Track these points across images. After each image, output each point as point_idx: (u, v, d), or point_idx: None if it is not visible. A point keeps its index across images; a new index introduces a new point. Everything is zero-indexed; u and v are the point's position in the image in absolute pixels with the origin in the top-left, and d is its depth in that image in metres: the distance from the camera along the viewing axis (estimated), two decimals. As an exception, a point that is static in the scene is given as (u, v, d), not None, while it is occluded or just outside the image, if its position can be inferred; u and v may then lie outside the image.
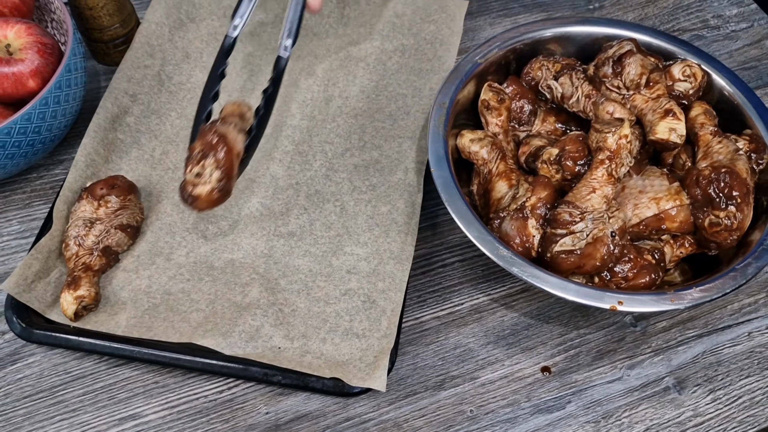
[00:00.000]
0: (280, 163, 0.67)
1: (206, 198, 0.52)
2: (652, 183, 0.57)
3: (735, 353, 0.59)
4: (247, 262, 0.61)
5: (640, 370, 0.58)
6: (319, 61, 0.75)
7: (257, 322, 0.57)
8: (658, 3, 0.83)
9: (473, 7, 0.81)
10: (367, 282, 0.60)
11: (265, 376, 0.55)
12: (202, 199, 0.52)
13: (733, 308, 0.61)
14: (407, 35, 0.76)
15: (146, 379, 0.57)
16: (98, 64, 0.76)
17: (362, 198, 0.65)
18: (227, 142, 0.52)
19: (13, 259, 0.63)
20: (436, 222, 0.66)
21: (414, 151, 0.67)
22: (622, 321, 0.61)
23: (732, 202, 0.54)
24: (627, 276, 0.55)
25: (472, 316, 0.61)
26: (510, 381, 0.58)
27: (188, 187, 0.51)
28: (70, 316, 0.56)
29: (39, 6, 0.70)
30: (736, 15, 0.82)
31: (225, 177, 0.52)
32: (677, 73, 0.62)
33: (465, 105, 0.65)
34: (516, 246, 0.55)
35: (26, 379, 0.57)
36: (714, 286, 0.52)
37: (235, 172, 0.54)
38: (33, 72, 0.61)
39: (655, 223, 0.56)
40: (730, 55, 0.78)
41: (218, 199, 0.53)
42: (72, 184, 0.63)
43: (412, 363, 0.58)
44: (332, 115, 0.70)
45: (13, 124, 0.58)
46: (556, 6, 0.83)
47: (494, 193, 0.60)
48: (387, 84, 0.73)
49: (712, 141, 0.58)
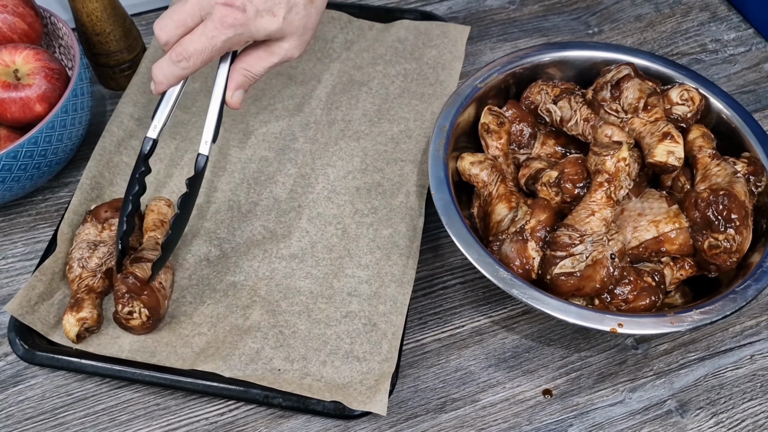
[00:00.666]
0: (283, 185, 0.68)
1: (140, 327, 0.57)
2: (651, 205, 0.58)
3: (737, 376, 0.59)
4: (249, 285, 0.61)
5: (642, 393, 0.58)
6: (322, 85, 0.76)
7: (257, 345, 0.57)
8: (656, 27, 0.84)
9: (474, 32, 0.82)
10: (368, 305, 0.60)
11: (265, 399, 0.55)
12: (137, 328, 0.57)
13: (734, 331, 0.61)
14: (409, 60, 0.77)
15: (147, 401, 0.57)
16: (104, 88, 0.77)
17: (364, 221, 0.65)
18: (144, 283, 0.57)
19: (17, 281, 0.64)
20: (437, 244, 0.66)
21: (416, 175, 0.68)
22: (623, 344, 0.60)
23: (731, 224, 0.54)
24: (627, 298, 0.55)
25: (473, 338, 0.61)
26: (511, 404, 0.57)
27: (122, 320, 0.57)
28: (72, 338, 0.56)
29: (47, 32, 0.71)
30: (734, 39, 0.83)
31: (154, 310, 0.57)
32: (675, 96, 0.63)
33: (465, 128, 0.66)
34: (516, 268, 0.56)
35: (28, 401, 0.57)
36: (714, 308, 0.52)
37: (162, 300, 0.59)
38: (40, 97, 0.62)
39: (655, 245, 0.57)
40: (729, 78, 0.79)
41: (152, 324, 0.58)
42: (77, 206, 0.63)
43: (413, 385, 0.58)
44: (335, 138, 0.71)
45: (19, 147, 0.59)
46: (555, 31, 0.84)
47: (494, 216, 0.60)
48: (389, 108, 0.74)
49: (710, 164, 0.58)
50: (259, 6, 0.53)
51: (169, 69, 0.55)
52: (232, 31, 0.53)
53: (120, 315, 0.56)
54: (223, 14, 0.52)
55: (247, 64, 0.57)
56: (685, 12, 0.86)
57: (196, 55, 0.54)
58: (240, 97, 0.58)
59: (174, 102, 0.58)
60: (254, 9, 0.53)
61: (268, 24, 0.54)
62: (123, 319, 0.56)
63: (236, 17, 0.52)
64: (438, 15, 0.82)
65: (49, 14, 0.69)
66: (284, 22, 0.54)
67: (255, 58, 0.57)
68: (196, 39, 0.53)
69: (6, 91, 0.62)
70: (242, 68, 0.57)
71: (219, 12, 0.52)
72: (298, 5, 0.54)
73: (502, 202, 0.60)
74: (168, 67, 0.55)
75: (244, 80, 0.57)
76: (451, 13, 0.85)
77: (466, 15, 0.85)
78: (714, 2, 0.87)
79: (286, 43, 0.56)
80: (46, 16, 0.70)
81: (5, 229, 0.67)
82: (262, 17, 0.53)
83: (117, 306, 0.56)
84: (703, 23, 0.84)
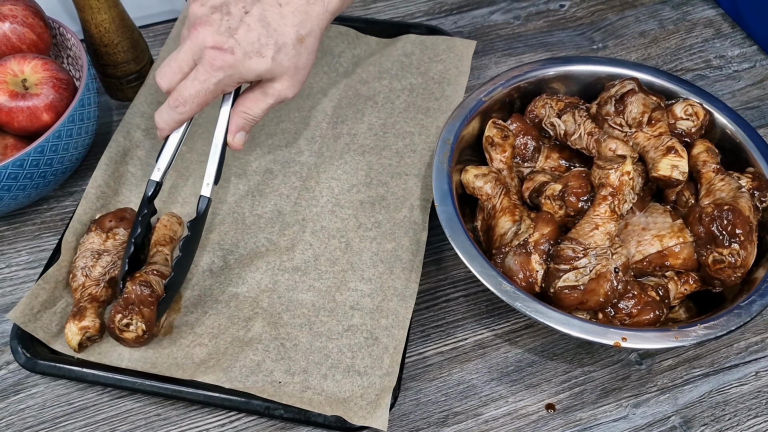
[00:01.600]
0: (288, 198, 0.68)
1: (133, 341, 0.57)
2: (656, 220, 0.58)
3: (742, 393, 0.58)
4: (251, 296, 0.61)
5: (646, 408, 0.58)
6: (328, 99, 0.76)
7: (258, 357, 0.57)
8: (660, 43, 0.84)
9: (479, 46, 0.83)
10: (371, 318, 0.60)
11: (267, 410, 0.54)
12: (130, 341, 0.57)
13: (739, 347, 0.61)
14: (415, 74, 0.78)
15: (148, 411, 0.57)
16: (111, 99, 0.78)
17: (367, 235, 0.65)
18: (153, 297, 0.57)
19: (20, 289, 0.64)
20: (440, 257, 0.66)
21: (420, 189, 0.68)
22: (627, 359, 0.60)
23: (735, 239, 0.54)
24: (631, 312, 0.55)
25: (475, 351, 0.60)
26: (514, 418, 0.57)
27: (116, 330, 0.56)
28: (74, 347, 0.56)
29: (56, 43, 0.72)
30: (738, 55, 0.83)
31: (149, 327, 0.57)
32: (679, 111, 0.63)
33: (470, 141, 0.66)
34: (519, 281, 0.55)
35: (29, 409, 0.57)
36: (718, 323, 0.52)
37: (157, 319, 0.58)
38: (47, 106, 0.63)
39: (659, 259, 0.56)
40: (733, 94, 0.79)
41: (146, 340, 0.58)
42: (82, 215, 0.63)
43: (414, 399, 0.58)
44: (340, 152, 0.71)
45: (26, 156, 0.59)
46: (560, 45, 0.84)
47: (498, 229, 0.60)
48: (395, 122, 0.74)
49: (714, 178, 0.58)
50: (247, 48, 0.54)
51: (168, 115, 0.57)
52: (222, 73, 0.54)
53: (116, 325, 0.56)
54: (212, 57, 0.54)
55: (245, 107, 0.58)
56: (689, 28, 0.86)
57: (191, 99, 0.55)
58: (242, 139, 0.59)
59: (177, 146, 0.60)
60: (242, 51, 0.54)
61: (257, 65, 0.55)
62: (117, 330, 0.56)
63: (225, 59, 0.54)
64: (444, 29, 0.82)
65: (58, 25, 0.70)
66: (273, 63, 0.55)
67: (252, 101, 0.58)
68: (189, 84, 0.55)
69: (14, 100, 0.62)
70: (241, 111, 0.58)
71: (208, 56, 0.54)
72: (287, 46, 0.55)
73: (505, 215, 0.60)
74: (167, 113, 0.57)
75: (244, 122, 0.59)
76: (456, 28, 0.86)
77: (472, 30, 0.86)
78: (718, 19, 0.87)
79: (279, 83, 0.57)
80: (55, 27, 0.70)
81: (9, 238, 0.67)
82: (251, 58, 0.54)
83: (115, 315, 0.56)
84: (707, 39, 0.85)
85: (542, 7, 0.89)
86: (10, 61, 0.63)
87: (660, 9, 0.88)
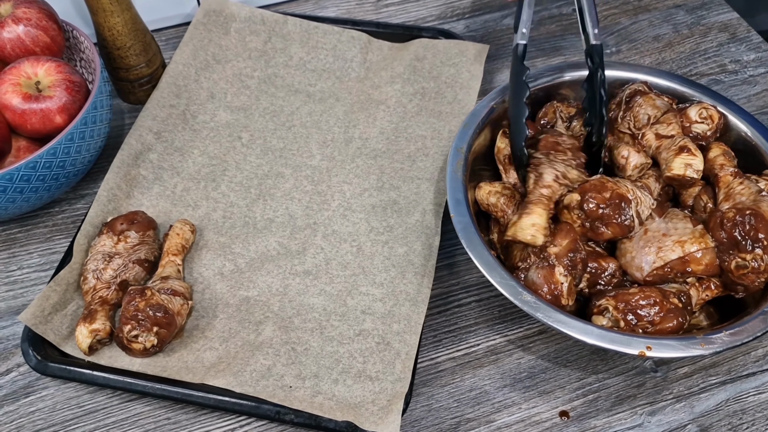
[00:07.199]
0: (299, 202, 0.68)
1: (140, 353, 0.56)
2: (676, 226, 0.57)
3: (760, 401, 0.57)
4: (262, 300, 0.61)
5: (662, 416, 0.57)
6: (340, 103, 0.76)
7: (269, 361, 0.56)
8: (675, 48, 0.84)
9: (492, 50, 0.82)
10: (382, 323, 0.59)
11: (277, 415, 0.54)
12: (136, 352, 0.56)
13: (757, 355, 0.60)
14: (428, 78, 0.77)
15: (158, 414, 0.57)
16: (123, 102, 0.78)
17: (379, 239, 0.65)
18: (168, 317, 0.56)
19: (32, 292, 0.64)
20: (452, 261, 0.66)
21: (432, 193, 0.67)
22: (642, 366, 0.59)
23: (758, 244, 0.53)
24: (653, 320, 0.53)
25: (488, 357, 0.60)
26: (527, 425, 0.56)
27: (124, 341, 0.56)
28: (84, 350, 0.56)
29: (69, 45, 0.72)
30: (754, 60, 0.82)
31: (162, 343, 0.56)
32: (694, 115, 0.62)
33: (481, 150, 0.65)
34: (544, 294, 0.54)
35: (39, 412, 0.57)
36: (744, 329, 0.51)
37: (169, 338, 0.58)
38: (60, 108, 0.63)
39: (681, 266, 0.55)
40: (749, 99, 0.78)
41: (153, 354, 0.57)
42: (93, 218, 0.63)
43: (426, 404, 0.57)
44: (351, 155, 0.71)
45: (38, 158, 0.59)
46: (573, 50, 0.83)
47: (516, 244, 0.59)
48: (407, 126, 0.73)
49: (733, 182, 0.57)
50: None
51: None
52: None
53: (123, 335, 0.55)
54: None
55: None
56: (704, 32, 0.85)
57: None
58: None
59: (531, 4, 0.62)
60: None
61: None
62: (125, 340, 0.55)
63: None
64: (456, 33, 0.82)
65: (72, 28, 0.70)
66: None
67: None
68: None
69: (27, 103, 0.62)
70: None
71: None
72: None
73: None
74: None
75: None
76: (468, 32, 0.86)
77: (484, 33, 0.85)
78: (733, 23, 0.86)
79: None
80: (69, 30, 0.71)
81: (22, 240, 0.67)
82: None
83: (124, 326, 0.55)
84: (722, 44, 0.84)
85: (555, 12, 0.88)
86: (23, 64, 0.64)
87: (674, 13, 0.88)
